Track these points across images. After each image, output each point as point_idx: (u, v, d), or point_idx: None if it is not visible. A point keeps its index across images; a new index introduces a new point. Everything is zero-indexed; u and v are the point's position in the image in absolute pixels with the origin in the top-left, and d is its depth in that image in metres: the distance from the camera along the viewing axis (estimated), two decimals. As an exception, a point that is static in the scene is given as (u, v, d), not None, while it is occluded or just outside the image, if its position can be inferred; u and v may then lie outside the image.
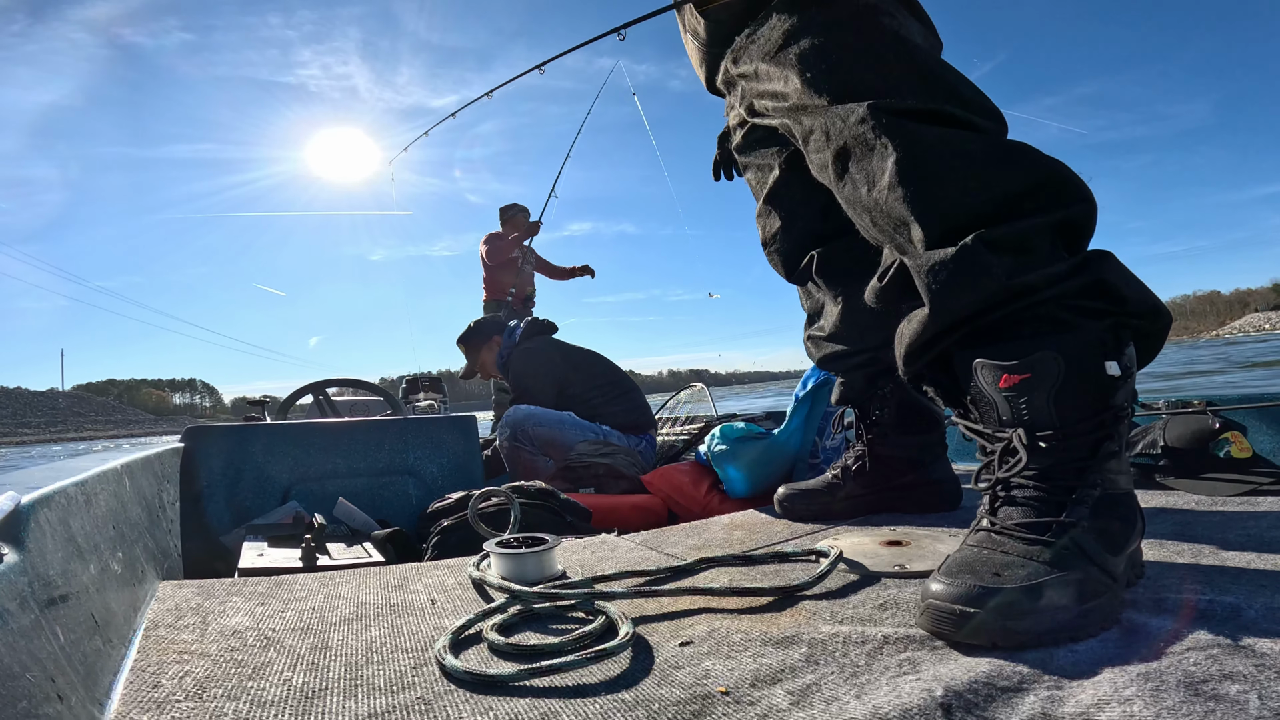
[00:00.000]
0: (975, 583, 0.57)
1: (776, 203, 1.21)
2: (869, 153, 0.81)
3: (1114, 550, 0.62)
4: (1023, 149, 0.76)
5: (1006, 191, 0.73)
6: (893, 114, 0.80)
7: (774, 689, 0.50)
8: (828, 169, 0.88)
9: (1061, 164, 0.76)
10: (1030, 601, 0.55)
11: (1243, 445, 1.25)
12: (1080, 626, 0.56)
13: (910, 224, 0.77)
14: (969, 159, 0.75)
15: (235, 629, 0.68)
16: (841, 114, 0.84)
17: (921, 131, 0.78)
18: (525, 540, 0.86)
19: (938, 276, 0.73)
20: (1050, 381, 0.65)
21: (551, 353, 2.70)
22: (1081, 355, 0.65)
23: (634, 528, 1.29)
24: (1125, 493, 0.67)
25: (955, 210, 0.74)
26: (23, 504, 0.56)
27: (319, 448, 1.75)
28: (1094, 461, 0.65)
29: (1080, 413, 0.65)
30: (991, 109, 0.83)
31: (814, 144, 0.90)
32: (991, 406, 0.69)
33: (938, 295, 0.73)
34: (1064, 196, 0.74)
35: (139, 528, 1.00)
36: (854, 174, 0.84)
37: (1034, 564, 0.59)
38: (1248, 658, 0.48)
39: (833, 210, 1.15)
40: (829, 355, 1.23)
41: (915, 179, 0.76)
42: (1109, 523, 0.63)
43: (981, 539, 0.65)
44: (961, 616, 0.56)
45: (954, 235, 0.73)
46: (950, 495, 1.18)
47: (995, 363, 0.68)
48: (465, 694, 0.52)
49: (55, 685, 0.44)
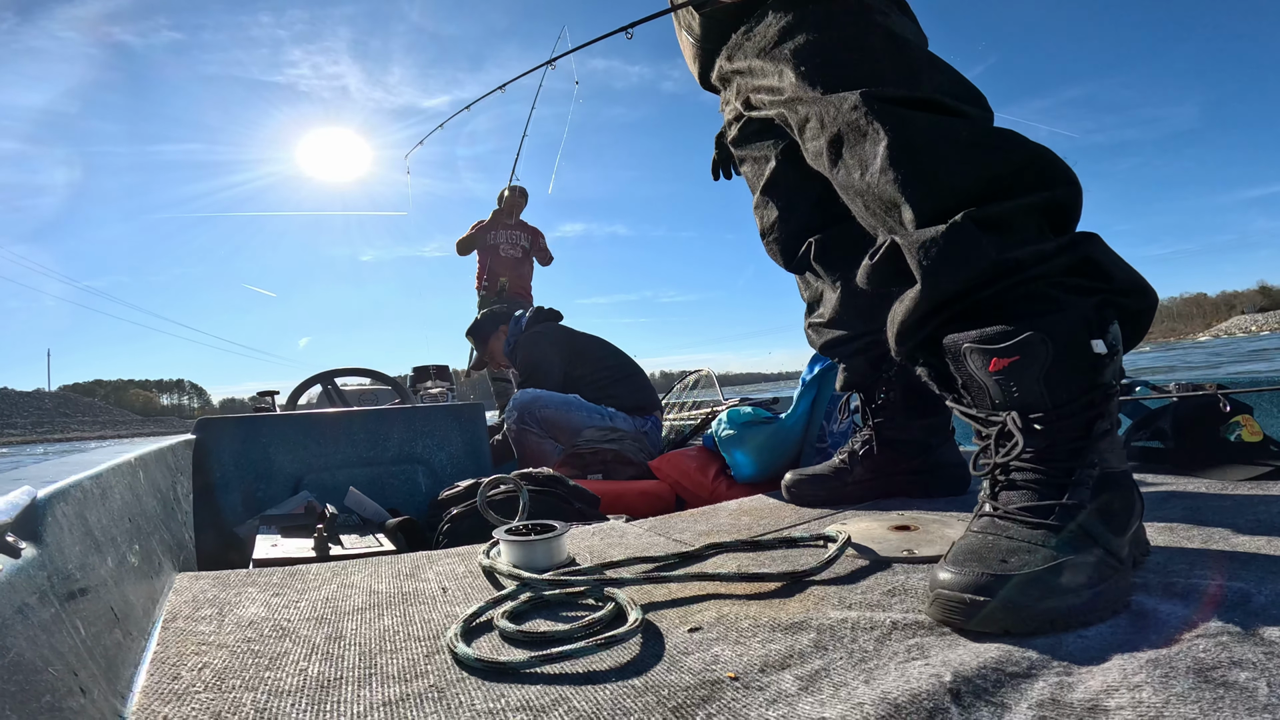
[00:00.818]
0: (983, 570, 0.57)
1: (774, 193, 1.21)
2: (861, 138, 0.83)
3: (1118, 532, 0.63)
4: (1009, 134, 0.79)
5: (994, 173, 0.75)
6: (884, 101, 0.82)
7: (783, 674, 0.51)
8: (822, 156, 0.90)
9: (1046, 149, 0.78)
10: (1040, 588, 0.56)
11: (1254, 429, 1.24)
12: (1091, 610, 0.56)
13: (901, 206, 0.78)
14: (957, 143, 0.77)
15: (251, 619, 0.69)
16: (835, 102, 0.86)
17: (912, 117, 0.80)
18: (534, 528, 0.86)
19: (929, 252, 0.74)
20: (1039, 363, 0.65)
21: (558, 337, 2.72)
22: (1068, 335, 0.66)
23: (642, 514, 1.30)
24: (1122, 472, 0.67)
25: (945, 191, 0.76)
26: (39, 498, 0.56)
27: (329, 438, 1.77)
28: (1089, 441, 0.65)
29: (1070, 392, 0.66)
30: (979, 98, 0.86)
31: (809, 132, 0.92)
32: (983, 390, 0.70)
33: (929, 271, 0.74)
34: (1050, 179, 0.75)
35: (154, 520, 1.01)
36: (847, 159, 0.86)
37: (1041, 549, 0.59)
38: (1257, 645, 0.48)
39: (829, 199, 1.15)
40: (831, 341, 1.23)
41: (905, 162, 0.78)
42: (1110, 503, 0.63)
43: (985, 525, 0.65)
44: (972, 605, 0.56)
45: (944, 216, 0.74)
46: (959, 478, 1.18)
47: (984, 347, 0.68)
48: (477, 681, 0.53)
49: (78, 679, 0.44)
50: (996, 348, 0.67)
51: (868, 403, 1.21)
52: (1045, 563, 0.57)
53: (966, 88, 0.87)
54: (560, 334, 2.75)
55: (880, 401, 1.20)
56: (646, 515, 1.22)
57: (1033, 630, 0.55)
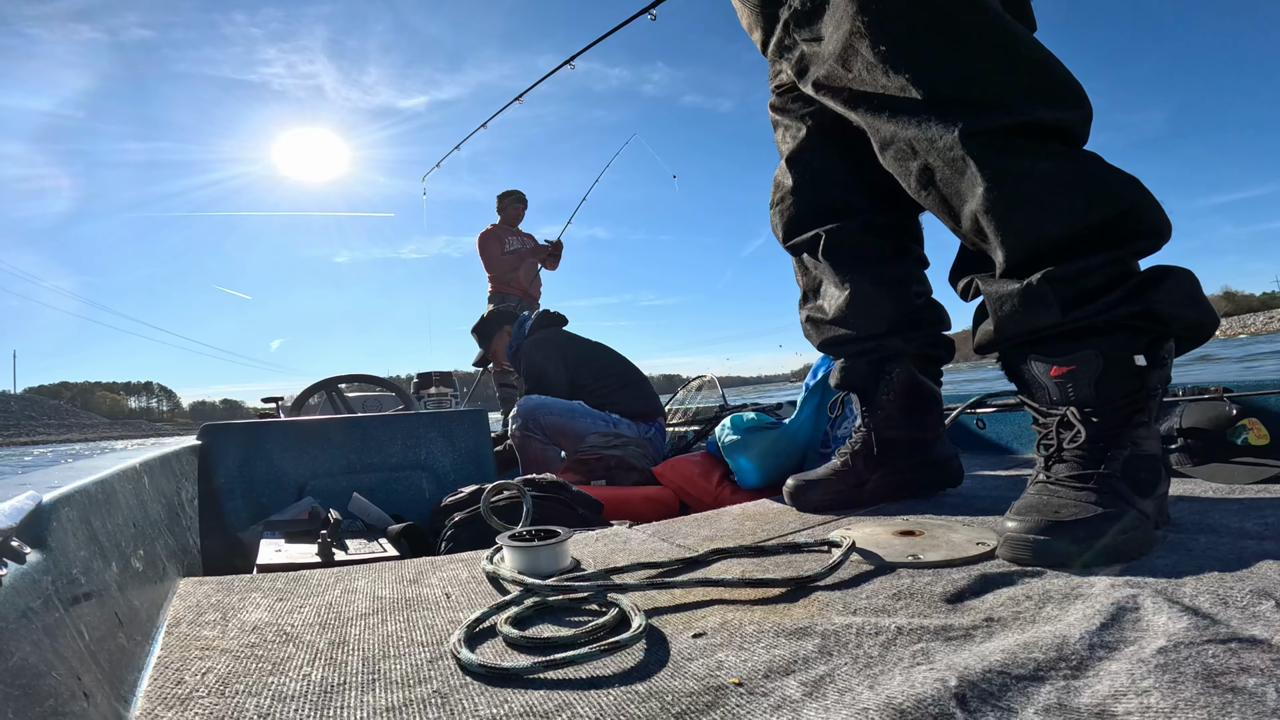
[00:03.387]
0: (1042, 519, 0.73)
1: (796, 164, 1.19)
2: (958, 176, 0.86)
3: (1144, 495, 0.77)
4: (1107, 176, 0.82)
5: (1086, 224, 0.81)
6: (983, 137, 0.83)
7: (787, 680, 0.50)
8: (910, 177, 0.92)
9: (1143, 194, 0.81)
10: (1086, 529, 0.72)
11: (1261, 432, 1.23)
12: (1124, 550, 0.72)
13: (993, 249, 0.87)
14: (1051, 188, 0.82)
15: (255, 625, 0.69)
16: (929, 135, 0.86)
17: (1009, 164, 0.82)
18: (538, 533, 0.86)
19: (1003, 307, 0.86)
20: (1092, 372, 0.80)
21: (563, 342, 2.72)
22: (1116, 352, 0.80)
23: (645, 519, 1.29)
24: (1152, 454, 0.81)
25: (1035, 242, 0.83)
26: (44, 503, 0.56)
27: (333, 444, 1.77)
28: (1127, 429, 0.79)
29: (1116, 394, 0.80)
30: (1076, 91, 0.85)
31: (894, 152, 0.92)
32: (1043, 389, 0.85)
33: (1002, 321, 0.87)
34: (1137, 232, 0.82)
35: (159, 525, 1.01)
36: (942, 189, 0.89)
37: (1084, 504, 0.75)
38: (1265, 651, 0.47)
39: (850, 184, 1.15)
40: (832, 339, 1.22)
41: (1000, 213, 0.84)
42: (1138, 473, 0.78)
43: (1039, 489, 0.80)
44: (1035, 544, 0.72)
45: (1030, 264, 0.84)
46: (954, 472, 1.20)
47: (1047, 358, 0.83)
48: (481, 686, 0.53)
49: (81, 683, 0.45)
50: (1056, 359, 0.82)
51: (867, 402, 1.21)
52: (1088, 513, 0.73)
53: (1064, 79, 0.84)
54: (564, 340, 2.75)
55: (882, 401, 1.19)
56: (650, 521, 1.22)
57: (1084, 564, 0.70)
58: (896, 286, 1.17)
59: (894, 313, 1.17)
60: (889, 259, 1.18)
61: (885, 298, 1.16)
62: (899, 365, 1.18)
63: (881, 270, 1.16)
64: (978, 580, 0.68)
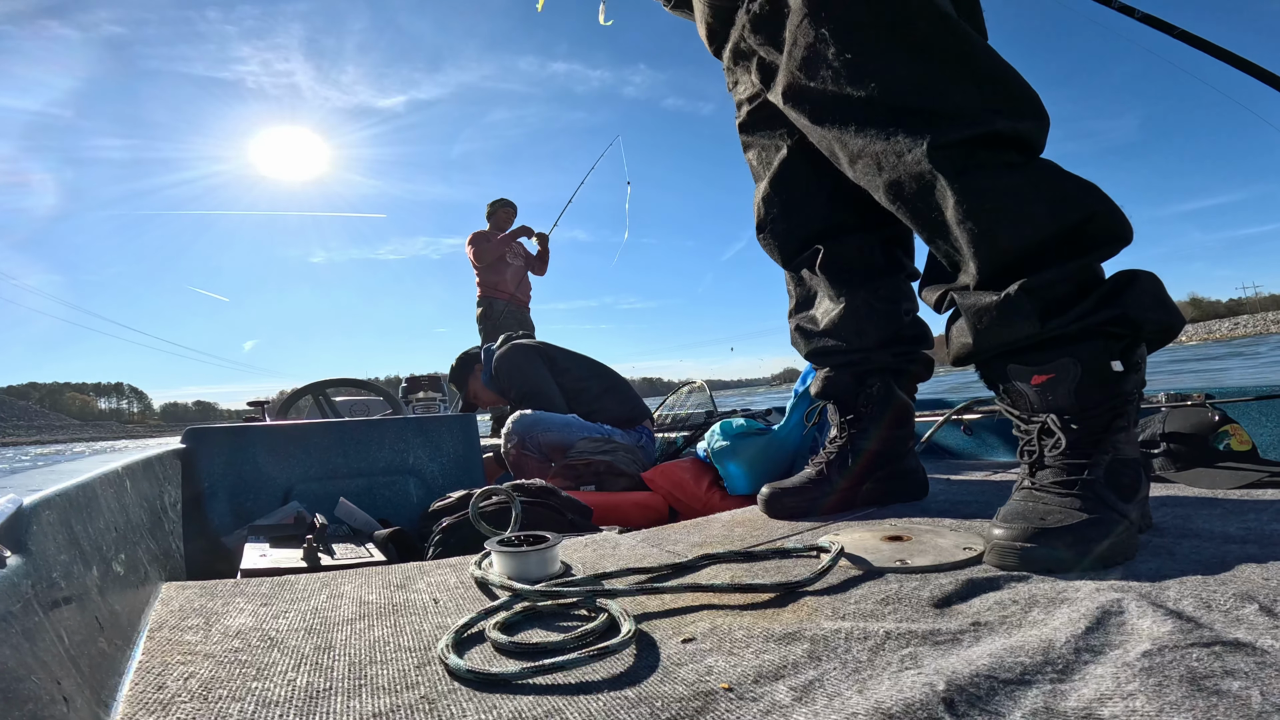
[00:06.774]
0: (1028, 525, 0.74)
1: (780, 187, 1.19)
2: (928, 191, 0.87)
3: (1126, 499, 0.78)
4: (1062, 185, 0.83)
5: (1051, 233, 0.83)
6: (949, 149, 0.84)
7: (776, 685, 0.50)
8: (879, 191, 0.92)
9: (1103, 201, 0.82)
10: (1071, 535, 0.72)
11: (1242, 438, 1.25)
12: (1110, 555, 0.73)
13: (965, 261, 0.88)
14: (1017, 199, 0.83)
15: (239, 630, 0.68)
16: (897, 150, 0.87)
17: (975, 177, 0.83)
18: (527, 539, 0.86)
19: (981, 319, 0.87)
20: (1071, 380, 0.81)
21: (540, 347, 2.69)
22: (1093, 359, 0.81)
23: (635, 525, 1.29)
24: (1133, 459, 0.82)
25: (1004, 253, 0.84)
26: (24, 506, 0.55)
27: (320, 448, 1.75)
28: (1107, 434, 0.80)
29: (1095, 400, 0.81)
30: (1034, 102, 0.86)
31: (862, 167, 0.92)
32: (1024, 398, 0.86)
33: (981, 333, 0.87)
34: (1101, 239, 0.83)
35: (141, 529, 1.00)
36: (912, 203, 0.89)
37: (1069, 510, 0.75)
38: (1249, 654, 0.48)
39: (838, 199, 1.15)
40: (821, 349, 1.23)
41: (969, 226, 0.85)
42: (1120, 478, 0.79)
43: (1024, 495, 0.82)
44: (1022, 550, 0.73)
45: (1002, 275, 0.85)
46: (922, 484, 1.22)
47: (1026, 367, 0.84)
48: (469, 692, 0.52)
49: (61, 688, 0.44)
50: (1036, 368, 0.83)
51: (845, 413, 1.22)
52: (1074, 519, 0.74)
53: (1023, 92, 0.85)
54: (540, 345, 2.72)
55: (861, 412, 1.21)
56: (640, 526, 1.22)
57: (1068, 569, 0.71)
58: (889, 304, 1.19)
59: (884, 330, 1.18)
60: (883, 275, 1.20)
61: (878, 315, 1.18)
62: (879, 379, 1.20)
63: (876, 287, 1.18)
64: (965, 585, 0.69)
